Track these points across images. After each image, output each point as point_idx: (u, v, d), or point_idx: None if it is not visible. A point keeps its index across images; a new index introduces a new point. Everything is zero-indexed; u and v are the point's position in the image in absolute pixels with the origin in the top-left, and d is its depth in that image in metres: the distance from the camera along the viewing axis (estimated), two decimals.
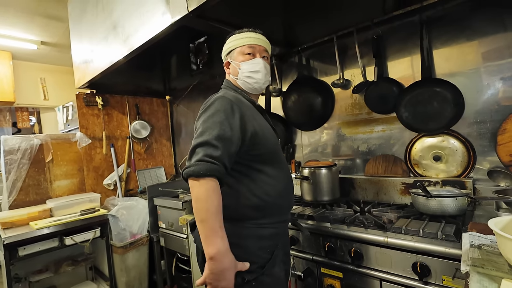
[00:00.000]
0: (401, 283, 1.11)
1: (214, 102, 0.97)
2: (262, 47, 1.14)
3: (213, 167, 0.86)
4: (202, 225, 0.86)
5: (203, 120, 0.95)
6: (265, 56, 1.15)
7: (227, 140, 0.91)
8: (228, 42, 1.15)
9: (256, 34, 1.14)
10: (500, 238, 0.67)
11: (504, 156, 1.38)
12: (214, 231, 0.85)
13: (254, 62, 1.11)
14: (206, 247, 0.85)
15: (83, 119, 2.65)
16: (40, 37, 3.31)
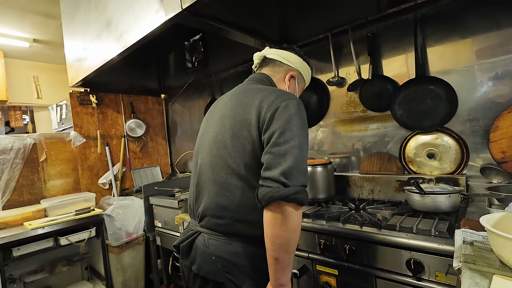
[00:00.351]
0: (395, 279, 1.13)
1: (300, 106, 0.88)
2: None
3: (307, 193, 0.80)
4: (288, 256, 0.79)
5: (300, 127, 0.82)
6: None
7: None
8: (304, 65, 1.11)
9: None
10: (492, 235, 0.68)
11: (497, 153, 1.39)
12: (292, 263, 0.82)
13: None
14: (282, 277, 0.80)
15: (77, 118, 2.63)
16: (33, 35, 3.26)
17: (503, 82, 1.39)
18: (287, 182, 0.75)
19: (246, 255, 0.87)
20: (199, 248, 0.91)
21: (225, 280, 0.86)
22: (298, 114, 0.84)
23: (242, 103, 0.92)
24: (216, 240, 0.89)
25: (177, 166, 3.30)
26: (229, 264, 0.86)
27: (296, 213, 0.76)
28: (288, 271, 0.81)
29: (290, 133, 0.80)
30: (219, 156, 0.91)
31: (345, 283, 1.27)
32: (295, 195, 0.74)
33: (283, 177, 0.75)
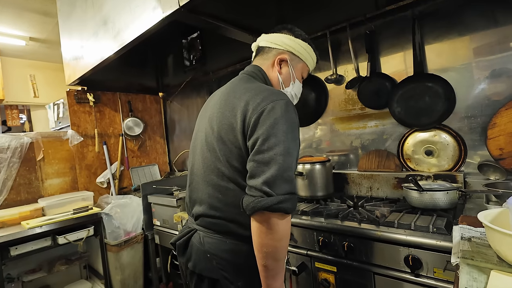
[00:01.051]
0: (393, 276, 1.13)
1: (288, 108, 0.81)
2: None
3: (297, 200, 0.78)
4: (277, 263, 0.78)
5: (285, 131, 0.78)
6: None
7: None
8: (302, 45, 1.01)
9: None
10: (489, 231, 0.68)
11: (494, 150, 1.40)
12: (284, 269, 0.82)
13: (302, 88, 1.08)
14: (274, 282, 0.80)
15: (74, 116, 2.61)
16: (29, 33, 3.24)
17: (501, 79, 1.40)
18: (270, 191, 0.73)
19: (240, 253, 0.87)
20: (195, 245, 0.92)
21: (220, 277, 0.86)
22: (285, 117, 0.79)
23: (230, 105, 0.88)
24: (211, 238, 0.90)
25: (176, 165, 3.29)
26: (224, 261, 0.87)
27: (282, 222, 0.75)
28: (279, 277, 0.80)
29: (275, 139, 0.76)
30: (209, 158, 0.91)
31: (344, 280, 1.28)
32: (278, 204, 0.72)
33: (266, 187, 0.73)
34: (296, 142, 0.81)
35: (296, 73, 1.03)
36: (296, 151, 0.80)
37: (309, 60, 1.05)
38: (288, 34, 1.01)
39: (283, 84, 1.02)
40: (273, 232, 0.74)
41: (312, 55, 1.05)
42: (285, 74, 1.00)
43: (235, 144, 0.84)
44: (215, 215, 0.89)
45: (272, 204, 0.72)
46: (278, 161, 0.74)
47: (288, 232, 0.78)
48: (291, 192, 0.75)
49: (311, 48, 1.03)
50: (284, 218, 0.75)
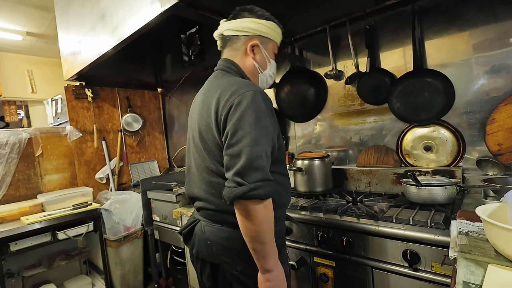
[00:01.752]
0: (391, 270, 1.14)
1: (255, 98, 0.83)
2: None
3: (274, 185, 0.81)
4: (264, 246, 0.82)
5: (252, 122, 0.80)
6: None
7: (273, 147, 0.86)
8: (264, 24, 0.98)
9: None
10: (487, 225, 0.69)
11: (493, 145, 1.40)
12: (273, 247, 0.84)
13: (275, 65, 1.07)
14: (265, 263, 0.83)
15: (72, 112, 2.60)
16: (26, 28, 3.21)
17: (500, 75, 1.40)
18: (241, 181, 0.77)
19: (237, 239, 0.90)
20: (197, 234, 1.00)
21: (221, 262, 0.93)
22: (252, 108, 0.81)
23: (205, 105, 0.92)
24: (211, 226, 0.96)
25: (175, 161, 3.29)
26: (223, 248, 0.93)
27: (259, 207, 0.78)
28: (270, 258, 0.84)
29: (242, 132, 0.80)
30: (198, 158, 0.97)
31: (342, 275, 1.29)
32: (250, 192, 0.76)
33: (238, 177, 0.78)
34: (265, 130, 0.83)
35: (269, 53, 1.03)
36: (266, 138, 0.83)
37: (277, 36, 1.04)
38: (250, 17, 0.98)
39: (260, 69, 1.02)
40: (252, 218, 0.79)
41: (278, 30, 1.04)
42: (260, 58, 1.01)
43: (215, 142, 0.89)
44: (211, 208, 0.95)
45: (244, 192, 0.76)
46: (246, 152, 0.78)
47: (268, 217, 0.81)
48: (263, 179, 0.78)
49: (275, 24, 1.02)
50: (260, 204, 0.79)
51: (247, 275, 0.91)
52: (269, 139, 0.84)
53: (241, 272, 0.91)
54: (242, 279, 0.91)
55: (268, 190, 0.79)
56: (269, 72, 1.05)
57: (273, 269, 0.85)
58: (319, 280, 1.36)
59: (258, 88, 0.88)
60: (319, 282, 1.37)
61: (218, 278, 0.96)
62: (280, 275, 0.87)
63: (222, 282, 0.95)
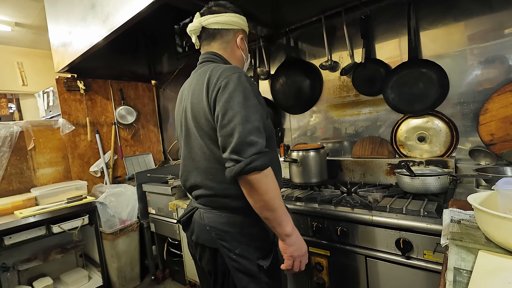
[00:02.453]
0: (385, 258, 1.16)
1: (240, 80, 0.88)
2: None
3: (270, 155, 0.85)
4: (276, 213, 0.86)
5: (240, 102, 0.85)
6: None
7: (264, 124, 0.90)
8: (243, 20, 1.07)
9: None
10: (478, 212, 0.70)
11: (485, 135, 1.42)
12: (286, 212, 0.89)
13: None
14: (283, 229, 0.87)
15: (64, 104, 2.56)
16: (14, 18, 3.11)
17: (494, 65, 1.40)
18: (238, 158, 0.81)
19: (235, 223, 0.95)
20: (196, 221, 1.03)
21: (219, 247, 0.96)
22: (238, 89, 0.86)
23: (196, 93, 0.96)
24: (209, 213, 1.00)
25: (170, 153, 3.27)
26: (221, 232, 0.96)
27: (261, 178, 0.82)
28: (286, 223, 0.88)
29: (232, 112, 0.84)
30: (195, 147, 0.99)
31: (337, 264, 1.31)
32: (249, 166, 0.80)
33: (235, 155, 0.82)
34: (255, 107, 0.87)
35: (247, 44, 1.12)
36: (256, 114, 0.86)
37: (246, 26, 1.11)
38: (231, 11, 1.05)
39: (245, 57, 1.11)
40: (256, 189, 0.83)
41: (246, 22, 1.10)
42: (244, 48, 1.09)
43: (209, 126, 0.92)
44: (210, 194, 0.98)
45: (242, 168, 0.80)
46: (239, 130, 0.82)
47: (270, 185, 0.85)
48: (257, 152, 0.82)
49: (243, 18, 1.09)
50: (260, 174, 0.82)
51: (245, 258, 0.94)
52: (259, 115, 0.87)
53: (239, 255, 0.94)
54: (240, 262, 0.95)
55: (264, 161, 0.82)
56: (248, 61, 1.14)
57: (292, 233, 0.89)
58: (314, 270, 1.38)
59: (242, 70, 0.93)
60: (313, 271, 1.38)
61: (217, 262, 1.00)
62: (300, 237, 0.92)
63: (221, 266, 0.99)
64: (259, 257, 0.95)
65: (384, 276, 1.18)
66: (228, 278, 0.99)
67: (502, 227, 0.63)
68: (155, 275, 2.47)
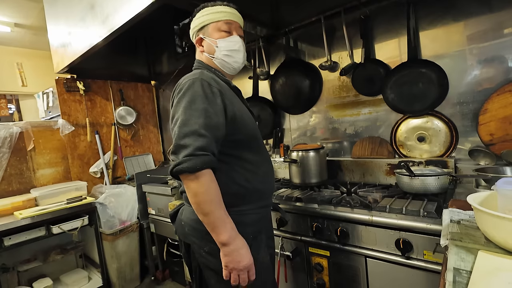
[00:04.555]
0: (385, 259, 1.16)
1: (193, 85, 0.90)
2: (238, 23, 1.08)
3: (207, 159, 0.84)
4: (207, 218, 0.85)
5: (184, 106, 0.88)
6: (241, 35, 1.09)
7: (214, 127, 0.88)
8: (200, 16, 1.04)
9: (231, 9, 1.06)
10: (478, 212, 0.70)
11: (485, 135, 1.42)
12: (222, 220, 0.86)
13: (233, 40, 1.04)
14: (217, 236, 0.86)
15: (64, 105, 2.56)
16: (13, 19, 3.11)
17: (493, 65, 1.40)
18: (174, 158, 0.86)
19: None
20: (178, 216, 1.09)
21: (191, 242, 1.00)
22: (187, 94, 0.90)
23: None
24: (186, 209, 1.04)
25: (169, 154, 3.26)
26: (192, 228, 0.98)
27: (191, 179, 0.84)
28: (221, 231, 0.85)
29: (176, 115, 0.90)
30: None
31: (337, 264, 1.31)
32: (177, 167, 0.83)
33: (172, 155, 0.87)
34: (197, 112, 0.87)
35: (214, 35, 1.04)
36: (198, 118, 0.86)
37: (213, 16, 1.04)
38: (194, 18, 1.08)
39: (210, 55, 1.06)
40: (188, 190, 0.86)
41: (213, 10, 1.04)
42: (207, 46, 1.05)
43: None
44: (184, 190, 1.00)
45: (172, 168, 0.84)
46: (176, 133, 0.87)
47: (201, 189, 0.84)
48: (189, 154, 0.83)
49: (209, 6, 1.04)
50: (191, 176, 0.83)
51: (214, 257, 0.92)
52: (202, 119, 0.86)
53: (208, 253, 0.95)
54: (209, 259, 0.96)
55: (193, 163, 0.82)
56: (220, 53, 1.04)
57: (228, 242, 0.85)
58: (314, 270, 1.38)
59: (201, 76, 0.93)
60: (314, 272, 1.38)
61: (190, 257, 1.05)
62: (240, 250, 0.87)
63: (194, 261, 1.03)
64: None
65: (384, 276, 1.18)
66: (199, 273, 1.03)
67: (502, 227, 0.63)
68: (155, 276, 2.47)
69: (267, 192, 1.08)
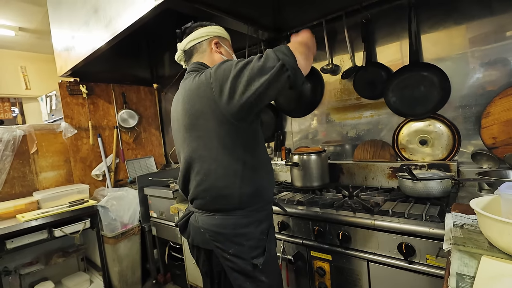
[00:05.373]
0: (387, 263, 1.15)
1: (223, 61, 0.96)
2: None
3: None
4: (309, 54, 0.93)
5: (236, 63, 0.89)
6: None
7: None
8: (215, 28, 1.14)
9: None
10: (481, 217, 0.69)
11: (487, 139, 1.41)
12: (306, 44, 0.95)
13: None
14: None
15: (67, 108, 2.57)
16: (18, 23, 3.15)
17: (495, 68, 1.40)
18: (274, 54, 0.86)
19: (227, 225, 0.98)
20: (192, 224, 1.08)
21: (214, 248, 1.00)
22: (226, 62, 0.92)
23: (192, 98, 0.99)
24: (203, 215, 1.03)
25: (172, 157, 3.28)
26: (215, 233, 0.99)
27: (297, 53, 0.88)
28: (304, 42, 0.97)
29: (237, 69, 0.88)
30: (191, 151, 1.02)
31: (339, 268, 1.30)
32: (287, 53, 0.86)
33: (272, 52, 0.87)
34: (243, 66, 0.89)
35: (229, 48, 1.17)
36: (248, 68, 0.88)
37: (227, 36, 1.18)
38: (201, 28, 1.12)
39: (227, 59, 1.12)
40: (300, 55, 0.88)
41: (226, 32, 1.18)
42: (225, 52, 1.13)
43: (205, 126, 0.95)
44: (204, 196, 1.01)
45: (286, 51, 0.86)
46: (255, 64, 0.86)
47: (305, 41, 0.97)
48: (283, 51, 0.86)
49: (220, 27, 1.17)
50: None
51: (239, 258, 0.97)
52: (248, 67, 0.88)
53: (233, 255, 0.97)
54: (234, 261, 0.97)
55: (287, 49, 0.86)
56: None
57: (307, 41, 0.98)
58: (316, 274, 1.37)
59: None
60: (315, 276, 1.38)
61: (212, 263, 1.05)
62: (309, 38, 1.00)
63: (217, 266, 1.04)
64: (253, 256, 0.97)
65: (386, 281, 1.17)
66: (224, 278, 1.04)
67: (505, 232, 0.63)
68: (157, 279, 2.46)
69: (273, 187, 1.13)
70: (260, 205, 1.03)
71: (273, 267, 1.04)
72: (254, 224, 1.00)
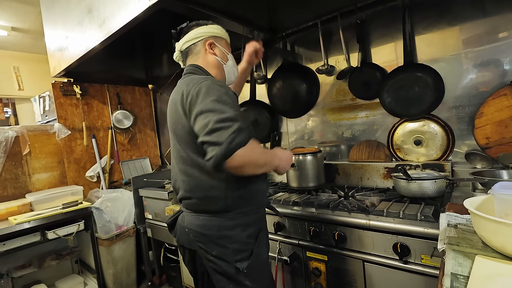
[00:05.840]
0: (382, 263, 1.15)
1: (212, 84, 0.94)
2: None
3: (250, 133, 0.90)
4: (267, 167, 0.98)
5: (213, 99, 0.89)
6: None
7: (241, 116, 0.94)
8: (211, 27, 1.13)
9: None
10: (475, 217, 0.70)
11: (481, 139, 1.42)
12: (273, 157, 1.02)
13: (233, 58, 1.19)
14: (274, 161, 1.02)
15: (60, 109, 2.54)
16: (10, 23, 3.10)
17: (489, 69, 1.41)
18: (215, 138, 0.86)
19: (211, 227, 0.99)
20: (178, 223, 1.11)
21: (197, 248, 1.02)
22: (211, 92, 0.92)
23: (173, 102, 1.04)
24: (190, 216, 1.05)
25: (167, 158, 3.26)
26: (198, 234, 1.00)
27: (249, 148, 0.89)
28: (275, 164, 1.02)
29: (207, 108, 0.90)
30: (176, 151, 1.06)
31: (335, 268, 1.30)
32: (237, 140, 0.85)
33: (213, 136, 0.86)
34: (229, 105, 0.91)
35: (225, 48, 1.16)
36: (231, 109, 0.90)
37: (225, 35, 1.18)
38: (197, 27, 1.12)
39: (223, 61, 1.14)
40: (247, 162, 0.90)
41: (224, 31, 1.18)
42: (219, 52, 1.13)
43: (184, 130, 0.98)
44: (190, 196, 1.03)
45: (228, 145, 0.85)
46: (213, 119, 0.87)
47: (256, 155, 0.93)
48: (237, 129, 0.85)
49: (218, 26, 1.16)
50: (245, 149, 0.87)
51: (222, 260, 0.97)
52: (233, 109, 0.90)
53: (216, 257, 0.98)
54: (217, 263, 0.98)
55: (246, 135, 0.87)
56: (231, 65, 1.17)
57: (278, 164, 1.03)
58: (312, 275, 1.37)
59: (213, 78, 1.00)
60: (311, 276, 1.37)
61: (196, 263, 1.08)
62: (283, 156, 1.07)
63: (200, 267, 1.06)
64: (237, 260, 0.97)
65: (382, 280, 1.17)
66: (207, 279, 1.06)
67: (499, 232, 0.63)
68: (152, 281, 2.44)
69: (264, 191, 1.13)
70: (249, 209, 1.02)
71: (261, 272, 1.03)
72: (240, 227, 0.99)
